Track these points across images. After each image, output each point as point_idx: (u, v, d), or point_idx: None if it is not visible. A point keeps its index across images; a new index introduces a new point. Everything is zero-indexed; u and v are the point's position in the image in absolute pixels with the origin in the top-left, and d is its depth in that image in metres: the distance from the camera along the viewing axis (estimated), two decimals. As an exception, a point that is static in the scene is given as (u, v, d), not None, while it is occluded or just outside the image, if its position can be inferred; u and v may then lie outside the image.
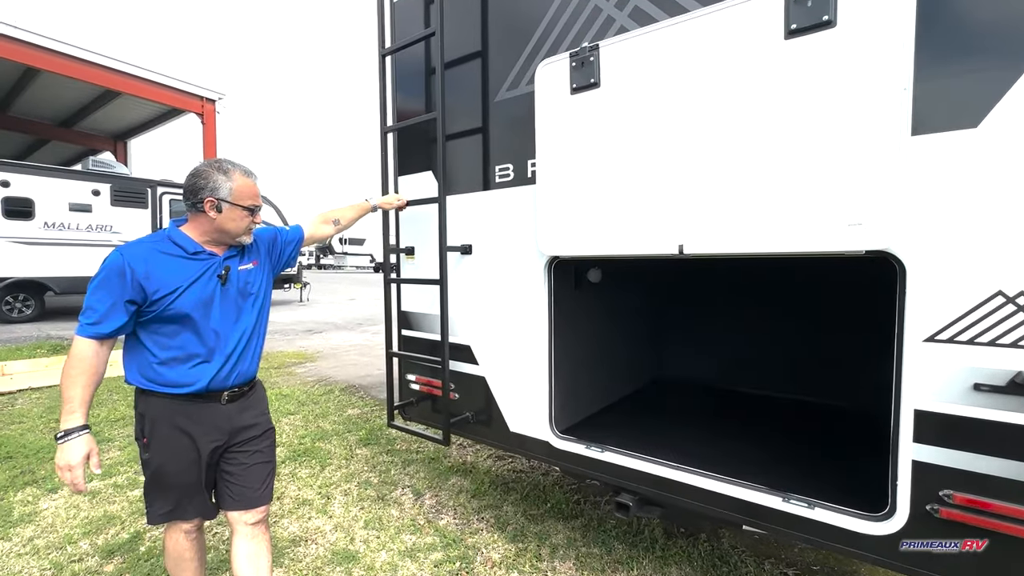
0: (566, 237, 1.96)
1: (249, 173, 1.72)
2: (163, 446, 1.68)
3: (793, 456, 2.22)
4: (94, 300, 1.55)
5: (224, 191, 1.64)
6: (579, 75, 1.88)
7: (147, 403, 1.68)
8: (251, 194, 1.70)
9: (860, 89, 1.34)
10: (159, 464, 1.70)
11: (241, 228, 1.71)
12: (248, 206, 1.69)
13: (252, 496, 1.80)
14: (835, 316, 3.00)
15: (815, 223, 1.42)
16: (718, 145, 1.58)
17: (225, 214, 1.65)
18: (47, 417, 4.50)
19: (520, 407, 2.30)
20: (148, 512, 1.75)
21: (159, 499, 1.73)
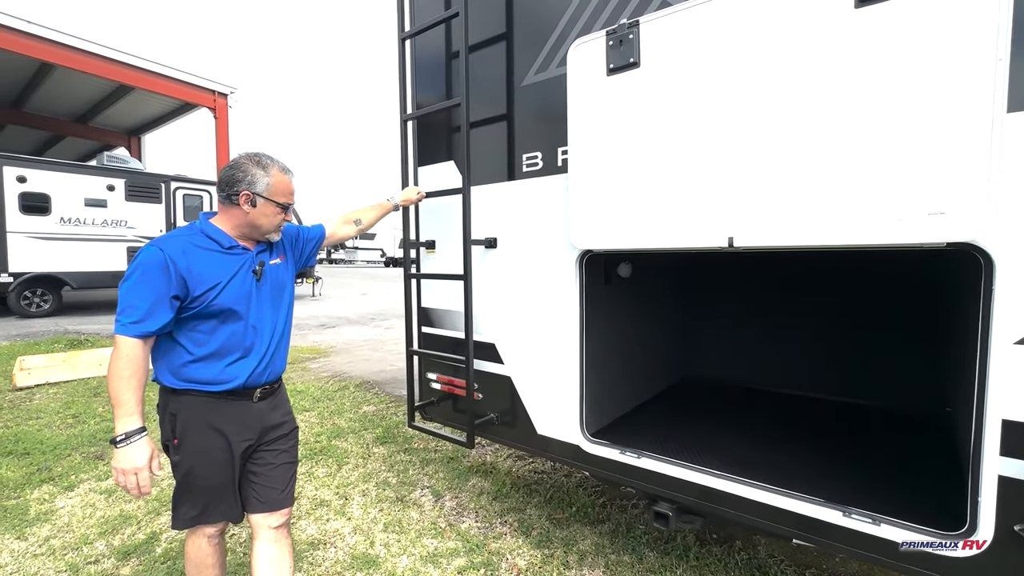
0: (600, 229, 1.83)
1: (286, 170, 1.69)
2: (196, 447, 1.63)
3: (842, 462, 2.08)
4: (134, 297, 1.48)
5: (261, 186, 1.61)
6: (616, 54, 1.75)
7: (179, 403, 1.61)
8: (287, 191, 1.67)
9: (946, 61, 1.19)
10: (191, 466, 1.64)
11: (273, 225, 1.68)
12: (282, 203, 1.66)
13: (277, 498, 1.76)
14: (879, 311, 2.84)
15: (889, 212, 1.28)
16: (775, 127, 1.45)
17: (259, 209, 1.62)
18: (64, 412, 4.48)
19: (548, 409, 2.19)
20: (174, 516, 1.68)
21: (187, 502, 1.67)
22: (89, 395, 5.05)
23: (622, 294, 2.53)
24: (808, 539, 1.57)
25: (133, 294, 1.48)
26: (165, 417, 1.64)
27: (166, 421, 1.64)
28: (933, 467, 2.00)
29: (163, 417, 1.65)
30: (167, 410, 1.63)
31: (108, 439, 3.85)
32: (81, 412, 4.50)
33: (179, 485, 1.67)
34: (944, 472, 1.93)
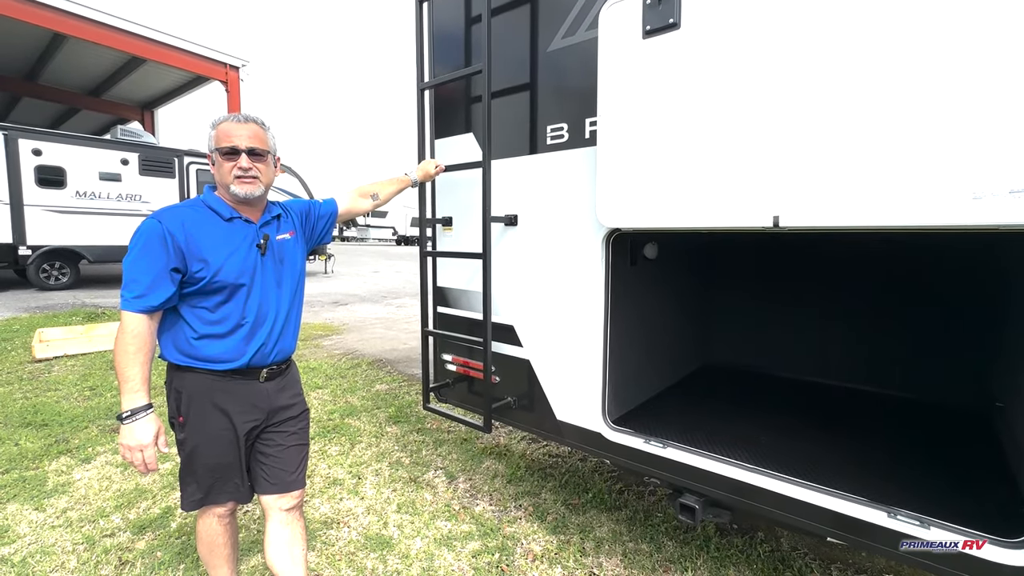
0: (631, 207, 1.71)
1: (229, 117, 1.58)
2: (200, 425, 1.60)
3: (878, 457, 1.98)
4: (136, 271, 1.44)
5: (211, 143, 1.57)
6: (654, 15, 1.60)
7: (183, 380, 1.58)
8: (223, 135, 1.55)
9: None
10: (195, 444, 1.61)
11: (224, 174, 1.55)
12: (223, 148, 1.53)
13: (288, 480, 1.73)
14: (918, 297, 2.69)
15: (963, 190, 1.15)
16: (832, 93, 1.31)
17: (216, 165, 1.56)
18: (81, 385, 4.52)
19: (568, 394, 2.11)
20: (183, 497, 1.66)
21: (193, 483, 1.64)
22: (106, 367, 5.09)
23: (648, 276, 2.42)
24: (845, 539, 1.48)
25: (135, 268, 1.44)
26: (171, 394, 1.61)
27: (172, 398, 1.61)
28: (981, 466, 1.89)
29: (169, 394, 1.61)
30: (172, 387, 1.60)
31: (124, 412, 3.88)
32: (98, 384, 4.54)
33: (184, 463, 1.64)
34: (995, 472, 1.82)
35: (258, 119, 1.62)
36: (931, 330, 2.63)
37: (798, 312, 3.06)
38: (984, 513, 1.43)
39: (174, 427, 1.63)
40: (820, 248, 2.95)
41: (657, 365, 2.69)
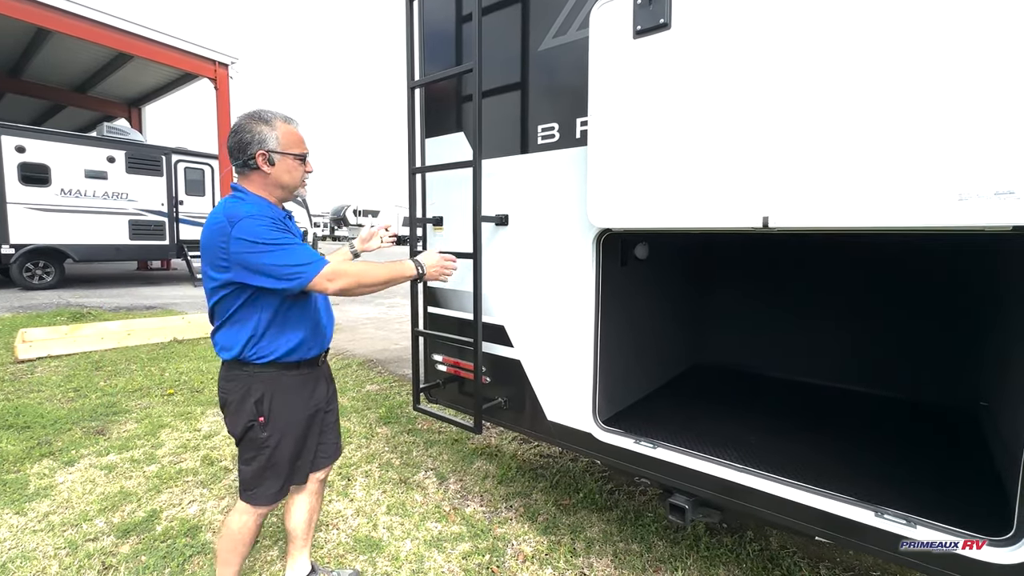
0: (622, 207, 1.71)
1: (289, 120, 1.64)
2: (282, 421, 1.66)
3: (866, 457, 1.99)
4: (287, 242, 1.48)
5: (272, 141, 1.57)
6: (645, 15, 1.60)
7: (261, 380, 1.62)
8: (297, 140, 1.64)
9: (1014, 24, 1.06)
10: (279, 440, 1.66)
11: (297, 179, 1.65)
12: (298, 154, 1.63)
13: (333, 450, 1.92)
14: (905, 298, 2.72)
15: (948, 191, 1.16)
16: (820, 95, 1.31)
17: (278, 166, 1.59)
18: (65, 386, 4.44)
19: (559, 394, 2.10)
20: (255, 493, 1.68)
21: (272, 478, 1.68)
22: (91, 368, 5.01)
23: (638, 276, 2.42)
24: (834, 538, 1.49)
25: (283, 243, 1.48)
26: (246, 398, 1.61)
27: (248, 402, 1.61)
28: (967, 465, 1.91)
29: (242, 399, 1.61)
30: (249, 391, 1.61)
31: (105, 415, 3.82)
32: (82, 386, 4.47)
33: (264, 463, 1.66)
34: (980, 471, 1.84)
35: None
36: (918, 331, 2.65)
37: (788, 312, 3.08)
38: (970, 511, 1.44)
39: (250, 431, 1.63)
40: (810, 249, 2.97)
41: (648, 365, 2.69)
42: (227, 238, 1.46)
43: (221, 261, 1.49)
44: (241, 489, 1.71)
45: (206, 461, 3.11)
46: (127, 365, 5.18)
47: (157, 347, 5.95)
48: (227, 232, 1.46)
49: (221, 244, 1.47)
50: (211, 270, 1.54)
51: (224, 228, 1.47)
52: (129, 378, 4.74)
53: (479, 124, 2.07)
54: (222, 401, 1.68)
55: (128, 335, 6.08)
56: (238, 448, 1.70)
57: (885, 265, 2.77)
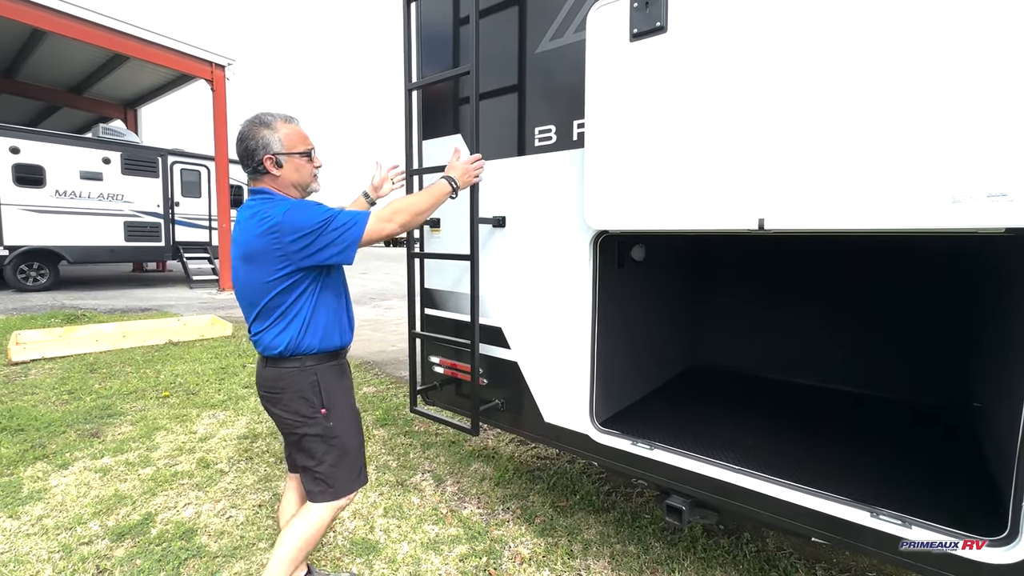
0: (618, 209, 1.72)
1: (289, 119, 1.67)
2: (343, 409, 1.73)
3: (861, 457, 2.00)
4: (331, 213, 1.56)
5: (276, 144, 1.61)
6: (641, 18, 1.61)
7: (316, 370, 1.66)
8: (300, 138, 1.67)
9: (1009, 26, 1.07)
10: (344, 428, 1.72)
11: (307, 176, 1.69)
12: (302, 151, 1.66)
13: None
14: (899, 299, 2.74)
15: (942, 193, 1.17)
16: (816, 98, 1.32)
17: (286, 167, 1.63)
18: (59, 388, 4.42)
19: (556, 396, 2.10)
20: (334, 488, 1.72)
21: (349, 465, 1.74)
22: (85, 371, 4.98)
23: (635, 278, 2.43)
24: (830, 539, 1.50)
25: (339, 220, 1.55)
26: (305, 390, 1.65)
27: (307, 392, 1.65)
28: (961, 465, 1.92)
29: (300, 390, 1.65)
30: (305, 381, 1.65)
31: (100, 418, 3.80)
32: (77, 388, 4.44)
33: (338, 456, 1.71)
34: (974, 471, 1.85)
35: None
36: (913, 332, 2.67)
37: (784, 314, 3.10)
38: (965, 511, 1.45)
39: (314, 426, 1.67)
40: (806, 250, 2.99)
41: (645, 367, 2.70)
42: (279, 234, 1.50)
43: (278, 261, 1.53)
44: (318, 492, 1.71)
45: (202, 464, 3.09)
46: (122, 367, 5.15)
47: (152, 349, 5.92)
48: (277, 229, 1.50)
49: (274, 244, 1.52)
50: (266, 272, 1.56)
51: (272, 227, 1.51)
52: (124, 380, 4.71)
53: (476, 126, 2.08)
54: (272, 399, 1.69)
55: (123, 337, 6.05)
56: (302, 448, 1.71)
57: (881, 267, 2.78)
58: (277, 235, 1.51)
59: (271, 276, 1.56)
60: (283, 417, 1.69)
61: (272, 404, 1.70)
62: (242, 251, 1.60)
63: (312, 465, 1.71)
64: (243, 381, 4.70)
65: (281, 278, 1.56)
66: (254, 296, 1.62)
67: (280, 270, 1.55)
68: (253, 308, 1.64)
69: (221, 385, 4.60)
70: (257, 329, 1.66)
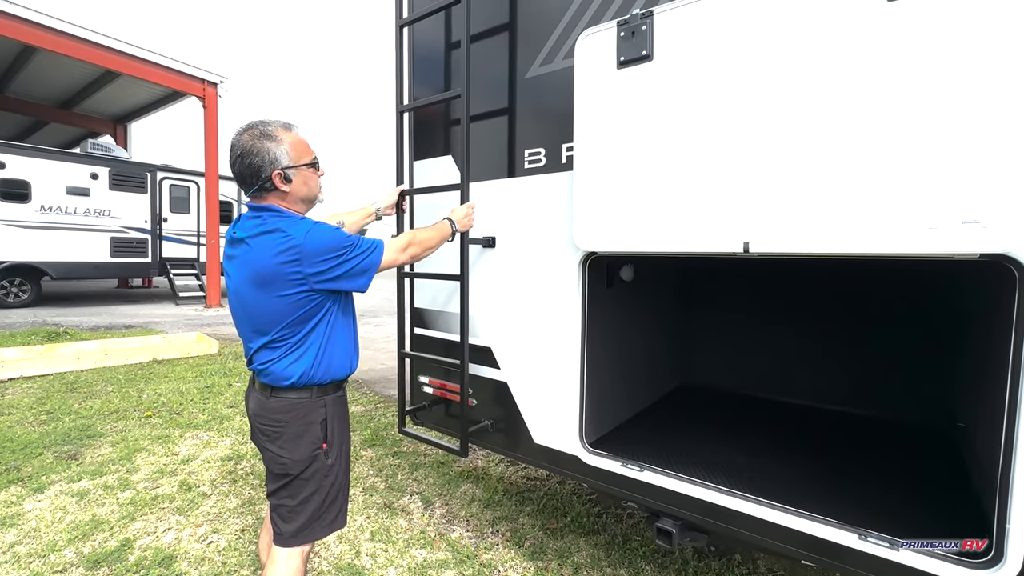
0: (607, 231, 1.74)
1: (289, 126, 1.56)
2: (343, 442, 1.66)
3: (850, 478, 2.01)
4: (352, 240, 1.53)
5: (284, 158, 1.50)
6: (628, 46, 1.66)
7: (323, 402, 1.59)
8: (305, 147, 1.58)
9: (984, 60, 1.12)
10: (341, 465, 1.66)
11: (315, 188, 1.62)
12: (308, 162, 1.58)
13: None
14: (884, 319, 2.78)
15: (919, 220, 1.20)
16: (797, 127, 1.36)
17: (295, 181, 1.54)
18: (37, 409, 4.30)
19: (546, 417, 2.09)
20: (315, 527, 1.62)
21: (339, 501, 1.67)
22: (65, 390, 4.87)
23: (624, 298, 2.44)
24: (819, 561, 1.49)
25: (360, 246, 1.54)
26: (312, 423, 1.56)
27: (313, 427, 1.56)
28: (947, 487, 1.93)
29: (307, 425, 1.55)
30: (314, 415, 1.56)
31: (78, 439, 3.70)
32: (56, 408, 4.33)
33: (333, 492, 1.62)
34: (959, 493, 1.87)
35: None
36: (900, 352, 2.71)
37: (773, 333, 3.13)
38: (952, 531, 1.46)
39: (314, 462, 1.57)
40: (794, 271, 3.04)
41: (635, 386, 2.70)
42: (301, 257, 1.43)
43: (296, 284, 1.45)
44: (293, 533, 1.57)
45: (183, 487, 3.01)
46: (103, 386, 5.04)
47: (135, 367, 5.81)
48: (299, 251, 1.42)
49: (293, 267, 1.43)
50: (281, 297, 1.46)
51: (292, 248, 1.42)
52: (105, 400, 4.61)
53: (467, 148, 2.10)
54: (271, 434, 1.55)
55: (105, 355, 5.93)
56: (288, 485, 1.57)
57: (869, 288, 2.83)
58: (298, 258, 1.42)
59: (288, 301, 1.46)
60: (278, 455, 1.55)
61: (271, 440, 1.56)
62: (252, 272, 1.46)
63: (293, 504, 1.56)
64: (228, 400, 4.61)
65: (299, 303, 1.47)
66: (263, 323, 1.50)
67: (297, 295, 1.46)
68: (260, 336, 1.52)
69: (206, 404, 4.51)
70: (265, 359, 1.53)
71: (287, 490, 1.58)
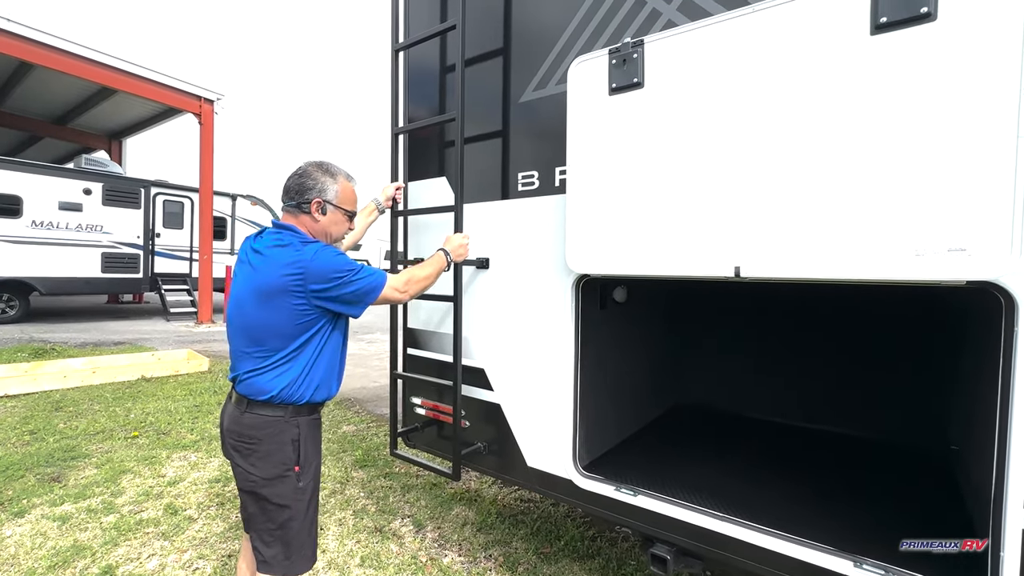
0: (599, 253, 1.75)
1: (350, 177, 1.74)
2: (314, 466, 1.65)
3: (844, 502, 2.00)
4: (356, 266, 1.59)
5: (331, 193, 1.66)
6: (620, 74, 1.69)
7: (297, 422, 1.59)
8: (352, 198, 1.73)
9: (966, 92, 1.15)
10: (313, 489, 1.64)
11: (341, 232, 1.74)
12: (349, 211, 1.73)
13: None
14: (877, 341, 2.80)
15: (906, 246, 1.22)
16: (785, 155, 1.39)
17: (329, 217, 1.66)
18: (20, 429, 4.21)
19: (539, 439, 2.08)
20: (295, 560, 1.59)
21: (311, 533, 1.65)
22: (50, 409, 4.77)
23: (618, 319, 2.45)
24: (815, 589, 1.48)
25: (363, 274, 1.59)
26: (284, 442, 1.56)
27: (285, 447, 1.57)
28: (940, 510, 1.93)
29: (279, 444, 1.56)
30: (286, 433, 1.57)
31: (62, 460, 3.62)
32: (40, 428, 4.24)
33: (306, 517, 1.61)
34: (953, 516, 1.86)
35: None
36: (895, 375, 2.71)
37: (767, 354, 3.13)
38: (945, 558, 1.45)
39: (284, 484, 1.56)
40: (788, 294, 3.05)
41: (628, 408, 2.69)
42: (305, 273, 1.50)
43: (296, 297, 1.51)
44: (276, 560, 1.57)
45: (169, 510, 2.95)
46: (90, 405, 4.95)
47: (124, 385, 5.72)
48: (304, 268, 1.50)
49: (297, 282, 1.50)
50: (282, 309, 1.51)
51: (298, 261, 1.50)
52: (91, 419, 4.52)
53: (461, 170, 2.12)
54: (243, 450, 1.57)
55: (93, 373, 5.84)
56: (262, 509, 1.57)
57: (863, 309, 2.84)
58: (303, 273, 1.50)
59: (285, 313, 1.52)
60: (249, 472, 1.56)
61: (241, 455, 1.58)
62: (260, 282, 1.53)
63: (271, 529, 1.58)
64: (217, 419, 4.53)
65: (295, 316, 1.53)
66: (258, 332, 1.55)
67: (295, 307, 1.52)
68: (252, 344, 1.56)
69: (194, 424, 4.44)
70: (250, 367, 1.56)
71: (261, 513, 1.60)
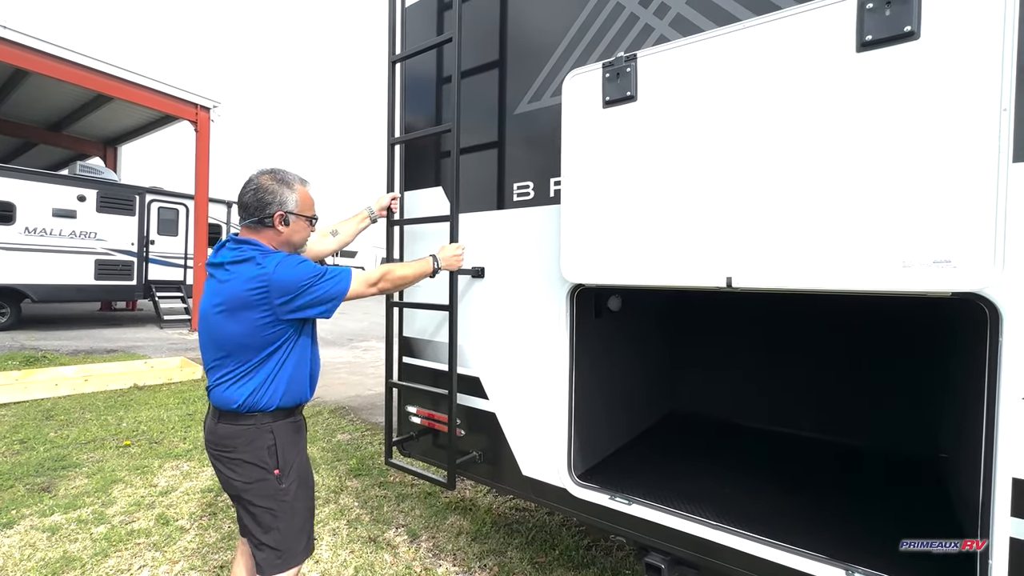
0: (594, 264, 1.77)
1: (304, 181, 1.74)
2: (298, 468, 1.67)
3: (836, 510, 2.01)
4: (319, 270, 1.59)
5: (291, 203, 1.66)
6: (613, 87, 1.72)
7: (269, 428, 1.61)
8: (311, 203, 1.74)
9: (949, 109, 1.18)
10: (297, 490, 1.66)
11: (303, 240, 1.75)
12: (310, 216, 1.74)
13: None
14: (868, 350, 2.83)
15: (894, 258, 1.24)
16: (776, 168, 1.41)
17: (292, 226, 1.67)
18: (10, 438, 4.16)
19: (534, 448, 2.08)
20: (287, 555, 1.63)
21: (303, 532, 1.68)
22: (41, 418, 4.73)
23: (612, 328, 2.46)
24: (808, 597, 1.48)
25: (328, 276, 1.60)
26: (258, 448, 1.58)
27: (260, 452, 1.59)
28: (931, 517, 1.94)
29: (254, 450, 1.58)
30: (259, 439, 1.58)
31: (53, 470, 3.58)
32: (30, 437, 4.19)
33: (292, 519, 1.64)
34: (943, 523, 1.88)
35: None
36: (886, 383, 2.74)
37: (760, 362, 3.16)
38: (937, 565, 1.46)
39: (266, 487, 1.60)
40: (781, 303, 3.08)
41: (623, 416, 2.70)
42: (268, 287, 1.51)
43: (261, 310, 1.53)
44: (269, 562, 1.61)
45: (161, 520, 2.92)
46: (81, 414, 4.90)
47: (116, 394, 5.67)
48: (267, 282, 1.51)
49: (261, 295, 1.51)
50: (246, 321, 1.53)
51: (261, 276, 1.51)
52: (83, 428, 4.48)
53: (456, 181, 2.14)
54: (222, 458, 1.61)
55: (85, 381, 5.79)
56: (250, 513, 1.62)
57: (854, 318, 2.87)
58: (266, 288, 1.51)
59: (251, 326, 1.53)
60: (231, 478, 1.60)
61: (222, 463, 1.62)
62: (226, 296, 1.54)
63: (260, 533, 1.61)
64: (211, 428, 4.51)
65: (260, 328, 1.54)
66: (225, 344, 1.57)
67: (260, 320, 1.54)
68: (222, 356, 1.58)
69: (187, 433, 4.41)
70: (217, 377, 1.60)
71: (251, 518, 1.63)
